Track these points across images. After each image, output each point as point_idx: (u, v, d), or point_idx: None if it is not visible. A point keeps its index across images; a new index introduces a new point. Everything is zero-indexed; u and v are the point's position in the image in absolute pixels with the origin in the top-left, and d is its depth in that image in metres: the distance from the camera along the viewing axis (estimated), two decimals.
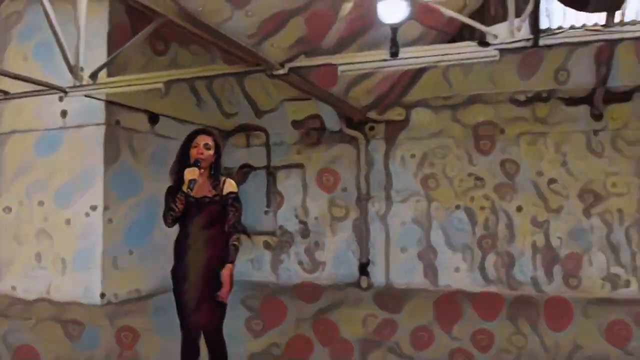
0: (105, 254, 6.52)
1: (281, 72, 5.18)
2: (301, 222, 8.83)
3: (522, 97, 7.69)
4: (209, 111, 8.24)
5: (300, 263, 8.82)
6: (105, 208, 6.56)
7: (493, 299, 7.06)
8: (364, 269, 8.32)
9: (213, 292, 3.05)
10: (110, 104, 6.64)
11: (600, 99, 7.26)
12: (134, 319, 5.97)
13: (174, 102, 7.20)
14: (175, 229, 3.48)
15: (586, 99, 7.41)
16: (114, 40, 6.26)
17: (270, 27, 4.52)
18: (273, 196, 9.00)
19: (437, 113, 8.11)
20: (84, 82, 5.73)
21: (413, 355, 4.39)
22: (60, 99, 6.22)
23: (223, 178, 3.19)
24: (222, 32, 4.35)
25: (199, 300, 3.04)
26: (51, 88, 5.84)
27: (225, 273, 3.07)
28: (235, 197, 3.15)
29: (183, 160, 3.12)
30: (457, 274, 7.95)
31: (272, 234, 8.92)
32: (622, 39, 5.31)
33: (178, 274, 3.10)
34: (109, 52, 6.15)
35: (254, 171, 8.85)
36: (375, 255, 8.37)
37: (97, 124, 6.67)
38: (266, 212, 8.84)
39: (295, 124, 8.76)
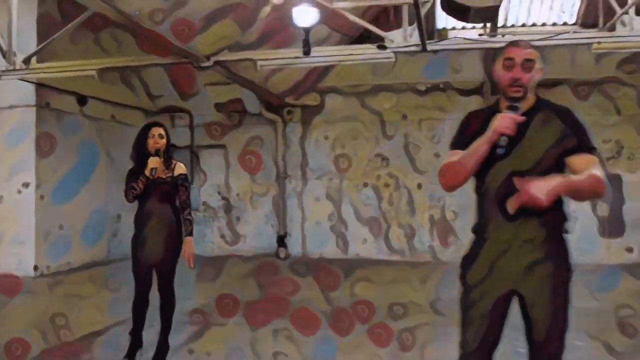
0: (38, 229, 6.93)
1: (207, 64, 5.76)
2: (224, 198, 9.44)
3: (422, 87, 8.64)
4: (136, 93, 8.62)
5: (222, 236, 9.46)
6: (37, 186, 6.94)
7: (394, 264, 8.00)
8: (282, 240, 9.07)
9: (165, 254, 3.70)
10: (40, 86, 6.96)
11: (488, 90, 8.29)
12: (67, 288, 6.41)
13: (102, 85, 7.49)
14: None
15: (476, 90, 8.45)
16: (43, 28, 6.55)
17: (198, 26, 5.11)
18: (197, 174, 9.53)
19: (348, 99, 8.92)
20: (17, 67, 6.07)
21: (324, 310, 5.20)
22: None
23: (174, 162, 3.78)
24: (155, 30, 4.90)
25: (154, 260, 3.68)
26: None
27: (184, 247, 3.72)
28: (184, 178, 3.76)
29: (140, 148, 3.68)
30: (365, 244, 8.90)
31: (196, 209, 9.44)
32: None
33: (137, 241, 3.73)
34: (39, 39, 6.42)
35: (179, 151, 9.20)
36: (292, 229, 9.15)
37: (28, 106, 6.99)
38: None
39: (218, 106, 9.28)
